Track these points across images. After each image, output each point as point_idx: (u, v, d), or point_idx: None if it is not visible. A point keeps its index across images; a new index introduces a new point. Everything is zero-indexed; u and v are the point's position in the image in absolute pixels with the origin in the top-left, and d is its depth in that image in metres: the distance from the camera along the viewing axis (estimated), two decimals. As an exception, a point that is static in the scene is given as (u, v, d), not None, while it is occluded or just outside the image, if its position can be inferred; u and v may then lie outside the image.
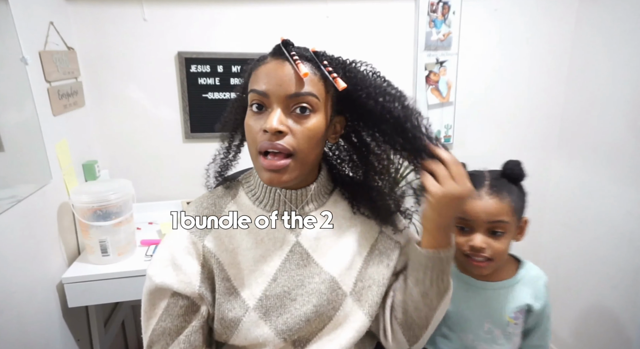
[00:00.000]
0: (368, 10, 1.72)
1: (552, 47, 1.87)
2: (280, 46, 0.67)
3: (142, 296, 0.72)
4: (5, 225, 1.07)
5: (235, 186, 0.80)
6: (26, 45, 1.19)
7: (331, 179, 0.81)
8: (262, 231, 0.73)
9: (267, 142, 0.64)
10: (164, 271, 0.70)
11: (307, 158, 0.67)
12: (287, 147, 0.64)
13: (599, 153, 1.75)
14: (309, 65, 0.66)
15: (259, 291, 0.70)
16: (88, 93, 1.61)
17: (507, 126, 1.96)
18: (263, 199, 0.75)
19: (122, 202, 1.33)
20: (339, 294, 0.72)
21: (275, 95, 0.64)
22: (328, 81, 0.67)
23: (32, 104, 1.21)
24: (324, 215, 0.76)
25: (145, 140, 1.71)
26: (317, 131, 0.66)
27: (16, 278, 1.10)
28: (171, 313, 0.69)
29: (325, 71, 0.66)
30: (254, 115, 0.66)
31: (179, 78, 1.67)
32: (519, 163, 0.96)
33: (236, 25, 1.66)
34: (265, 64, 0.66)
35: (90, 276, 1.29)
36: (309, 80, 0.64)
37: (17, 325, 1.08)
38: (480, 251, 0.86)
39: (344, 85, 0.65)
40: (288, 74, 0.64)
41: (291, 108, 0.65)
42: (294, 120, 0.65)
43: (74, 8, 1.54)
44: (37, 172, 1.23)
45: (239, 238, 0.73)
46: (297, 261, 0.73)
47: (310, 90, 0.64)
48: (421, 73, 1.81)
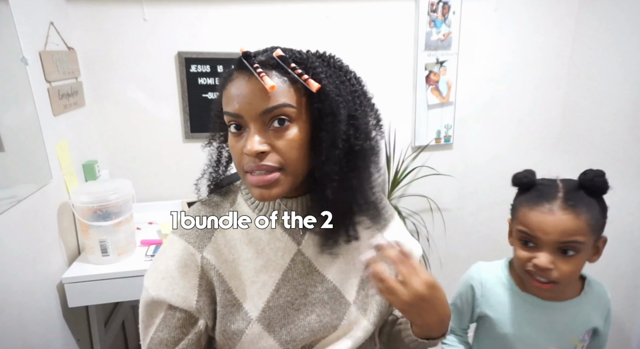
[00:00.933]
0: (368, 10, 1.72)
1: (552, 47, 1.87)
2: (242, 59, 0.62)
3: (139, 305, 0.71)
4: (5, 225, 1.07)
5: (234, 193, 0.77)
6: (26, 45, 1.19)
7: None
8: (263, 241, 0.71)
9: (252, 164, 0.61)
10: (160, 284, 0.67)
11: (297, 169, 0.63)
12: (273, 165, 0.61)
13: (599, 153, 1.75)
14: (276, 73, 0.61)
15: (262, 302, 0.68)
16: (88, 93, 1.61)
17: (507, 126, 1.96)
18: (263, 207, 0.73)
19: (122, 202, 1.33)
20: (343, 304, 0.71)
21: (249, 115, 0.60)
22: (299, 83, 0.62)
23: (32, 104, 1.21)
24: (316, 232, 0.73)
25: (145, 140, 1.71)
26: (301, 139, 0.62)
27: (16, 278, 1.10)
28: (168, 324, 0.67)
29: (294, 74, 0.61)
30: (235, 136, 0.64)
31: (179, 78, 1.67)
32: (601, 173, 0.79)
33: (236, 25, 1.66)
34: (232, 81, 0.63)
35: (90, 276, 1.29)
36: (279, 90, 0.60)
37: (17, 325, 1.08)
38: (545, 272, 0.76)
39: (317, 85, 0.60)
40: (256, 89, 0.60)
41: (268, 123, 0.61)
42: (274, 134, 0.61)
43: (74, 8, 1.54)
44: (37, 172, 1.23)
45: (239, 248, 0.71)
46: (299, 270, 0.71)
47: (283, 101, 0.60)
48: (421, 73, 1.81)
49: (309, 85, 0.61)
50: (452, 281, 1.06)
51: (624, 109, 1.62)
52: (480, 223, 2.07)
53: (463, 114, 1.90)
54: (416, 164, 1.91)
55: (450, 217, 2.02)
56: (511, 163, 2.00)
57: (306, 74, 0.61)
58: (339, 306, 0.71)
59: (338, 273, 0.72)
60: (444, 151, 1.95)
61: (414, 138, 1.89)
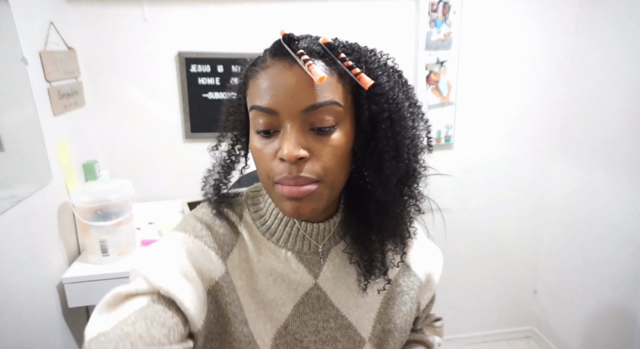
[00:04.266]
0: (368, 10, 1.72)
1: (553, 47, 1.87)
2: (282, 43, 0.51)
3: (111, 290, 0.51)
4: (5, 225, 1.07)
5: (240, 206, 0.63)
6: (26, 45, 1.19)
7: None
8: (275, 271, 0.60)
9: (286, 174, 0.49)
10: (174, 278, 0.51)
11: (337, 181, 0.53)
12: (311, 177, 0.50)
13: (600, 153, 1.75)
14: (322, 64, 0.50)
15: (269, 339, 0.58)
16: (88, 93, 1.61)
17: (507, 126, 1.96)
18: (275, 232, 0.60)
19: (122, 202, 1.33)
20: (356, 341, 0.62)
21: (287, 112, 0.49)
22: (348, 78, 0.51)
23: (32, 104, 1.21)
24: (344, 248, 0.63)
25: (145, 140, 1.71)
26: (345, 146, 0.51)
27: (16, 278, 1.10)
28: (151, 318, 0.47)
29: (344, 67, 0.50)
30: (262, 138, 0.52)
31: (179, 78, 1.67)
32: None
33: (236, 24, 1.66)
34: (266, 69, 0.51)
35: (90, 276, 1.29)
36: (326, 84, 0.49)
37: (17, 325, 1.08)
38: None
39: (370, 81, 0.49)
40: (299, 81, 0.48)
41: (310, 124, 0.50)
42: (314, 138, 0.50)
43: (74, 8, 1.54)
44: (37, 172, 1.23)
45: (249, 273, 0.59)
46: (312, 305, 0.60)
47: (331, 98, 0.49)
48: (422, 73, 1.81)
49: (361, 81, 0.49)
50: (452, 281, 1.06)
51: (625, 109, 1.62)
52: (480, 223, 2.07)
53: (463, 114, 1.90)
54: (416, 164, 1.91)
55: (450, 217, 2.02)
56: (511, 163, 2.01)
57: (358, 68, 0.50)
58: (352, 344, 0.62)
59: (354, 307, 0.62)
60: (444, 151, 1.95)
61: (414, 138, 1.89)
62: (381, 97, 0.51)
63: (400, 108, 0.52)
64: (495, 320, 2.24)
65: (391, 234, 0.60)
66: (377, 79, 0.51)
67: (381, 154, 0.52)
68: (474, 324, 2.22)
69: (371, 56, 0.54)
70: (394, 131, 0.52)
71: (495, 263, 2.14)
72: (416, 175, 0.57)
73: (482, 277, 2.15)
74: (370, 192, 0.55)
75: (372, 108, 0.51)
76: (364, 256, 0.60)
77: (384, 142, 0.52)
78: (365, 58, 0.53)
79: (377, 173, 0.53)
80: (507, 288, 2.19)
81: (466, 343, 2.22)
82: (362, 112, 0.52)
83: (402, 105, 0.53)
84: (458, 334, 2.21)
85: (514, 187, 2.04)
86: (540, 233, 2.11)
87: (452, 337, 2.20)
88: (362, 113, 0.52)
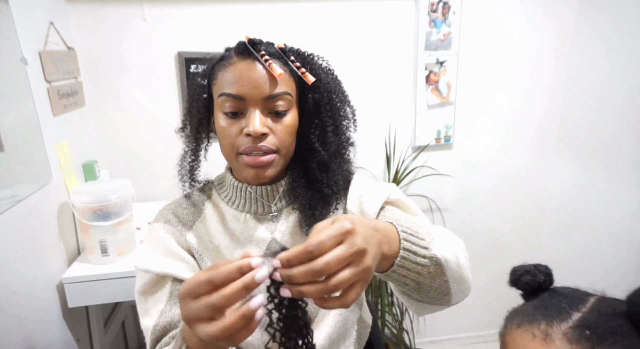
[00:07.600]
0: (368, 10, 1.72)
1: (552, 47, 1.87)
2: (247, 45, 0.67)
3: (135, 292, 0.71)
4: (5, 225, 1.07)
5: (209, 189, 0.82)
6: (26, 45, 1.19)
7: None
8: (237, 231, 0.75)
9: (250, 145, 0.65)
10: (163, 260, 0.70)
11: (289, 152, 0.71)
12: (271, 147, 0.66)
13: (599, 153, 1.75)
14: (279, 63, 0.67)
15: None
16: (88, 93, 1.61)
17: (507, 126, 1.96)
18: (235, 200, 0.76)
19: (122, 202, 1.33)
20: None
21: (253, 98, 0.65)
22: (295, 75, 0.69)
23: (32, 104, 1.21)
24: (295, 209, 0.77)
25: (145, 140, 1.71)
26: (294, 125, 0.70)
27: (16, 278, 1.10)
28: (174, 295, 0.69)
29: (293, 67, 0.68)
30: (229, 119, 0.67)
31: (179, 78, 1.67)
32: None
33: (236, 25, 1.65)
34: (234, 65, 0.67)
35: (90, 276, 1.29)
36: (281, 79, 0.66)
37: (17, 325, 1.08)
38: None
39: (312, 79, 0.67)
40: (261, 75, 0.65)
41: (269, 108, 0.67)
42: (272, 119, 0.67)
43: (74, 8, 1.54)
44: (37, 172, 1.23)
45: (218, 237, 0.75)
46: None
47: (285, 90, 0.67)
48: (421, 73, 1.81)
49: (306, 78, 0.67)
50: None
51: (624, 109, 1.62)
52: (480, 223, 2.07)
53: (463, 114, 1.90)
54: (416, 164, 1.91)
55: (450, 217, 2.02)
56: (511, 163, 2.01)
57: (303, 68, 0.68)
58: None
59: None
60: (444, 151, 1.95)
61: (414, 138, 1.89)
62: (321, 89, 0.70)
63: (335, 96, 0.72)
64: (495, 320, 2.23)
65: (330, 185, 0.73)
66: (317, 76, 0.69)
67: (324, 128, 0.72)
68: (474, 324, 2.22)
69: (312, 59, 0.72)
70: (332, 112, 0.71)
71: (494, 262, 2.14)
72: (347, 142, 0.75)
73: (482, 277, 2.15)
74: (315, 157, 0.72)
75: (315, 96, 0.71)
76: (306, 206, 0.73)
77: (326, 120, 0.71)
78: (308, 60, 0.71)
79: (322, 142, 0.72)
80: (507, 287, 2.18)
81: (466, 342, 2.22)
82: (306, 100, 0.71)
83: (336, 94, 0.72)
84: (458, 334, 2.21)
85: (513, 187, 2.04)
86: (539, 232, 2.11)
87: (452, 337, 2.20)
88: (307, 101, 0.71)
